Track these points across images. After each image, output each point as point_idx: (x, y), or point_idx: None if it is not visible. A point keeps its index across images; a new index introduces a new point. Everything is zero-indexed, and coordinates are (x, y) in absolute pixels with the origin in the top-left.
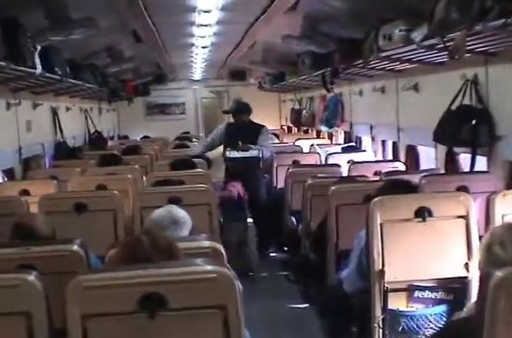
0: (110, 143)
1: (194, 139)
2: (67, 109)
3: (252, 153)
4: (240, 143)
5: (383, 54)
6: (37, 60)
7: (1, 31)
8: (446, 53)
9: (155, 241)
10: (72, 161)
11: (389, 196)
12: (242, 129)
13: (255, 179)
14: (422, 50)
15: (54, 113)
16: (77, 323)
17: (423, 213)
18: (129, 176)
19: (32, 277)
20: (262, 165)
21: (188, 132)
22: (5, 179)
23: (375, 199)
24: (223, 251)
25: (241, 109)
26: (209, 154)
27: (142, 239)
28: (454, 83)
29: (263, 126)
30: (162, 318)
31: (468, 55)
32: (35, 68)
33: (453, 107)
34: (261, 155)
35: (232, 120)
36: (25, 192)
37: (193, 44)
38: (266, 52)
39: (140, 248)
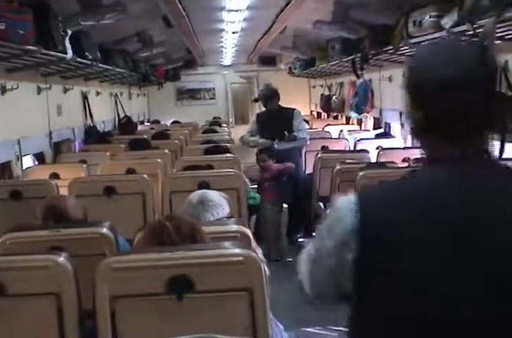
0: (139, 127)
1: (224, 125)
2: (97, 94)
3: (300, 142)
4: (286, 133)
5: (413, 40)
6: (68, 45)
7: (33, 16)
8: (476, 39)
9: (179, 226)
10: (101, 145)
11: None
12: (274, 117)
13: (297, 165)
14: (452, 36)
15: (84, 97)
16: (106, 304)
17: None
18: (159, 160)
19: (62, 259)
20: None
21: (219, 118)
22: (36, 162)
23: None
24: (250, 235)
25: (270, 95)
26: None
27: (166, 225)
28: None
29: (294, 109)
30: (190, 300)
31: (498, 42)
32: (66, 53)
33: None
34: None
35: (258, 109)
36: (55, 176)
37: (223, 29)
38: (296, 37)
39: (165, 233)
